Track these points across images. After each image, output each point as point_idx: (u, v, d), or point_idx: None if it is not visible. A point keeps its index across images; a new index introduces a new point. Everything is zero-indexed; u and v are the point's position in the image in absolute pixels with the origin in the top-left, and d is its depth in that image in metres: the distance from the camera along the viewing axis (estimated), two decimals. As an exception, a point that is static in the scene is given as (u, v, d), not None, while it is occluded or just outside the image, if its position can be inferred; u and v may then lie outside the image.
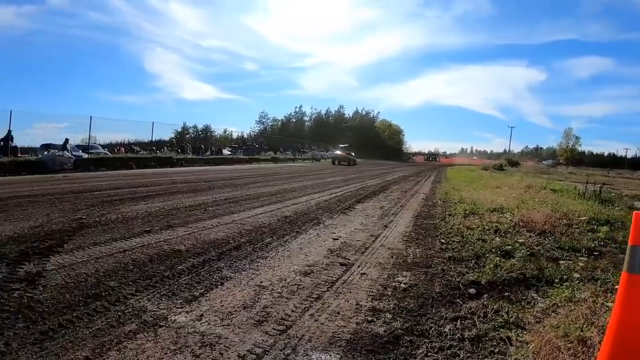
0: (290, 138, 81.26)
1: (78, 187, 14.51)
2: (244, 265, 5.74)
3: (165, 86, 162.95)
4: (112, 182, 16.65)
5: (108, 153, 36.30)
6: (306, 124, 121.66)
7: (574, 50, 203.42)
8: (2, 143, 28.23)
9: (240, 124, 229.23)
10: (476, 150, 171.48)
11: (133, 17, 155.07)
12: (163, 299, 4.41)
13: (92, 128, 32.62)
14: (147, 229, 7.61)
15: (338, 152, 58.38)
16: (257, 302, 4.47)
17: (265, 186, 16.72)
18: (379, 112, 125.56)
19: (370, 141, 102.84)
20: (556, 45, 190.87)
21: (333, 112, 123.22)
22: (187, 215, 9.09)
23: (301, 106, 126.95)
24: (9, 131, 28.34)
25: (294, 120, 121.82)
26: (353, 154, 58.04)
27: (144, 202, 11.02)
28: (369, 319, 4.09)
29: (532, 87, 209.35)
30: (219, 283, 4.98)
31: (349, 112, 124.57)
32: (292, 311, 4.22)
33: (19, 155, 27.85)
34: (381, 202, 12.93)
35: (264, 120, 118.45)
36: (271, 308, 4.31)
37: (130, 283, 4.84)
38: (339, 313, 4.20)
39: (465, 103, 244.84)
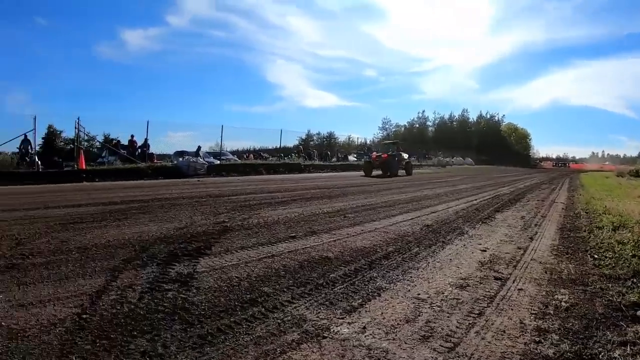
0: (414, 144, 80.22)
1: (214, 191, 14.84)
2: (397, 275, 5.38)
3: (288, 96, 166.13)
4: (246, 187, 16.93)
5: (237, 159, 37.25)
6: (429, 129, 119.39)
7: None
8: (139, 150, 29.66)
9: (362, 131, 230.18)
10: (608, 154, 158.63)
11: (254, 33, 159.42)
12: (322, 308, 4.14)
13: (221, 136, 33.44)
14: (292, 234, 7.44)
15: (376, 153, 36.05)
16: (419, 315, 4.09)
17: (399, 193, 16.26)
18: (504, 116, 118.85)
19: (496, 146, 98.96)
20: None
21: (456, 116, 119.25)
22: (328, 222, 8.86)
23: (424, 111, 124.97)
24: (145, 139, 29.71)
25: (416, 125, 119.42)
26: (405, 156, 35.27)
27: (281, 207, 10.97)
28: (536, 339, 3.68)
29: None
30: (376, 294, 4.64)
31: (472, 116, 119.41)
32: (457, 327, 3.85)
33: (156, 161, 29.19)
34: (520, 211, 12.15)
35: (386, 126, 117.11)
36: (434, 323, 3.92)
37: (285, 289, 4.62)
38: (504, 332, 3.80)
39: (594, 102, 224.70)
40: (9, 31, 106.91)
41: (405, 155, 36.56)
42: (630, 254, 6.68)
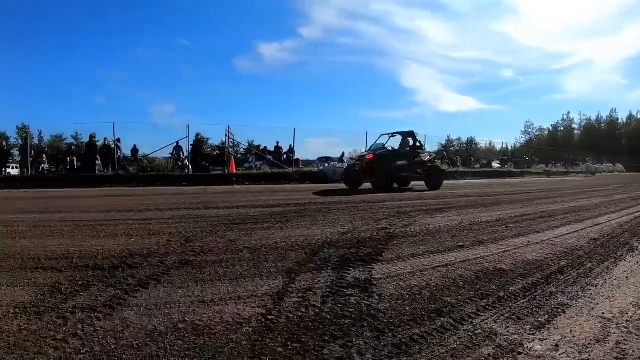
0: (561, 149, 76.88)
1: (367, 197, 14.97)
2: (577, 292, 5.13)
3: (424, 100, 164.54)
4: (394, 195, 17.01)
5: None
6: (575, 132, 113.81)
7: None
8: (284, 156, 30.67)
9: (502, 135, 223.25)
10: None
11: (384, 38, 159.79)
12: (510, 323, 4.02)
13: (366, 143, 33.77)
14: (459, 243, 7.33)
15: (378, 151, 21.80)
16: (608, 336, 3.85)
17: (554, 203, 15.63)
18: None
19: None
20: None
21: (604, 117, 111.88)
22: (492, 232, 8.66)
23: (569, 113, 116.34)
24: (291, 146, 30.75)
25: (561, 129, 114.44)
26: (426, 156, 22.90)
27: (439, 214, 10.90)
28: None
29: None
30: (560, 310, 4.44)
31: (621, 117, 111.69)
32: None
33: (301, 166, 30.05)
34: None
35: (529, 130, 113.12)
36: (625, 345, 3.66)
37: (468, 301, 4.54)
38: None
39: None
40: (154, 51, 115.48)
41: (427, 155, 22.90)
42: None
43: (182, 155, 27.91)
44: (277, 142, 31.80)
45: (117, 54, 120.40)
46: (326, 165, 29.44)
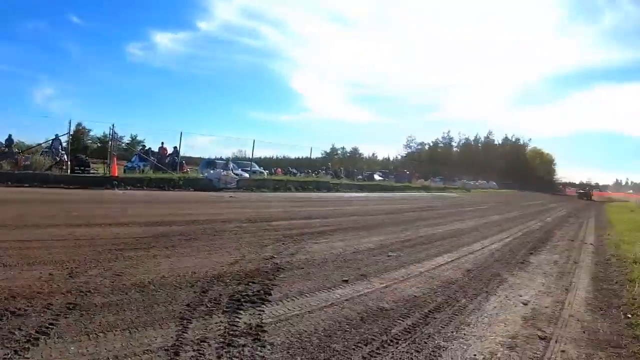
0: (440, 165, 79.93)
1: (252, 214, 15.03)
2: (452, 332, 5.43)
3: (313, 106, 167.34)
4: (282, 210, 17.13)
5: (264, 172, 37.45)
6: (454, 150, 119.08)
7: None
8: (168, 158, 29.89)
9: (386, 146, 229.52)
10: (632, 182, 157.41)
11: (282, 43, 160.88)
12: None
13: (252, 151, 33.62)
14: (344, 277, 7.48)
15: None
16: None
17: (432, 225, 16.33)
18: (530, 139, 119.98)
19: (520, 170, 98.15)
20: None
21: (482, 138, 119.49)
22: (374, 262, 8.91)
23: (449, 131, 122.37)
24: (175, 147, 30.01)
25: (441, 145, 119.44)
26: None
27: (324, 239, 11.06)
28: None
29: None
30: (437, 354, 4.71)
31: (497, 139, 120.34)
32: None
33: (186, 169, 29.42)
34: (552, 254, 12.06)
35: (411, 144, 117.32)
36: None
37: (354, 347, 4.67)
38: None
39: (619, 127, 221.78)
40: (42, 26, 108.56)
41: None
42: (663, 315, 6.68)
43: (60, 149, 26.48)
44: (162, 143, 30.45)
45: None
46: (211, 172, 28.97)
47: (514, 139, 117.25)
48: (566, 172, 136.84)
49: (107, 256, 7.73)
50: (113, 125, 26.48)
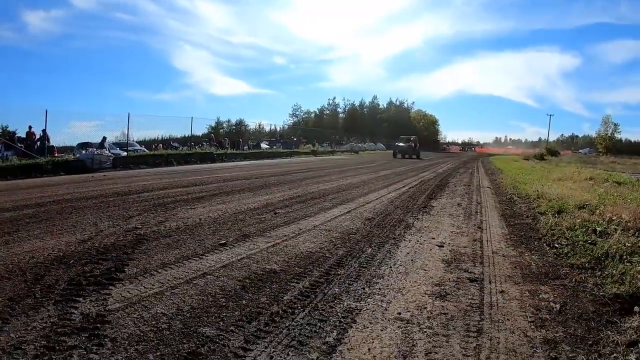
0: (327, 130, 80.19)
1: (122, 187, 13.35)
2: (363, 289, 4.52)
3: (195, 83, 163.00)
4: (158, 182, 15.49)
5: (145, 150, 35.53)
6: (340, 115, 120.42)
7: (608, 34, 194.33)
8: (38, 143, 27.53)
9: (272, 118, 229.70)
10: (510, 139, 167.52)
11: (161, 17, 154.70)
12: (290, 354, 3.11)
13: (128, 126, 31.49)
14: (222, 241, 6.30)
15: (401, 144, 50.93)
16: (414, 346, 3.30)
17: (324, 182, 15.54)
18: (413, 103, 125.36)
19: (406, 131, 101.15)
20: (590, 29, 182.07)
21: (367, 103, 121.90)
22: (259, 221, 7.85)
23: (334, 98, 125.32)
24: (44, 130, 27.55)
25: (327, 112, 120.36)
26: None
27: (200, 204, 9.79)
28: (552, 355, 3.28)
29: (566, 73, 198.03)
30: (349, 319, 3.73)
31: (383, 103, 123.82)
32: (464, 355, 3.19)
33: (56, 155, 27.10)
34: (453, 198, 11.99)
35: (297, 113, 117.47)
36: (436, 353, 3.20)
37: (233, 328, 3.50)
38: (515, 351, 3.31)
39: (498, 92, 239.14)
40: None
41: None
42: (583, 239, 6.67)
43: None
44: (30, 127, 28.16)
45: None
46: (83, 152, 26.82)
47: (398, 102, 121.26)
48: (449, 133, 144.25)
49: None
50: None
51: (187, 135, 41.52)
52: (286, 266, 5.17)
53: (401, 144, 51.02)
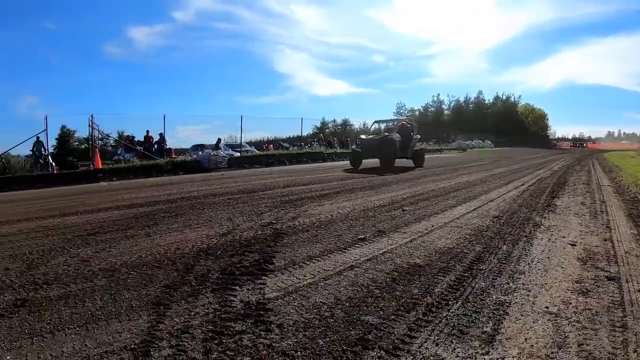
0: (431, 128, 79.05)
1: (245, 186, 13.86)
2: (508, 283, 4.44)
3: (298, 85, 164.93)
4: (277, 180, 15.94)
5: (255, 150, 36.42)
6: (445, 112, 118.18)
7: None
8: (155, 146, 28.81)
9: (375, 116, 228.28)
10: (624, 133, 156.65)
11: (259, 23, 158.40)
12: (454, 342, 3.14)
13: (241, 128, 32.36)
14: (360, 236, 6.35)
15: (370, 137, 25.07)
16: (566, 337, 3.27)
17: (440, 180, 15.36)
18: (520, 96, 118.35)
19: (513, 127, 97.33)
20: None
21: (472, 98, 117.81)
22: (390, 218, 7.83)
23: (438, 94, 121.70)
24: (161, 134, 28.86)
25: (432, 109, 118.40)
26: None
27: (327, 201, 9.94)
28: None
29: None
30: (502, 312, 3.69)
31: (489, 98, 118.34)
32: (613, 348, 3.13)
33: (174, 156, 28.29)
34: (576, 197, 11.36)
35: (401, 111, 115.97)
36: (587, 345, 3.15)
37: (394, 317, 3.53)
38: None
39: (607, 80, 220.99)
40: (17, 35, 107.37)
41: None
42: None
43: (43, 152, 25.39)
44: (147, 132, 29.67)
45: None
46: (200, 153, 27.87)
47: (504, 97, 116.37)
48: (558, 128, 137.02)
49: (77, 242, 6.51)
50: (92, 116, 25.28)
51: (292, 136, 42.27)
52: (429, 261, 5.15)
53: (370, 138, 24.75)
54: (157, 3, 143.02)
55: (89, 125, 25.58)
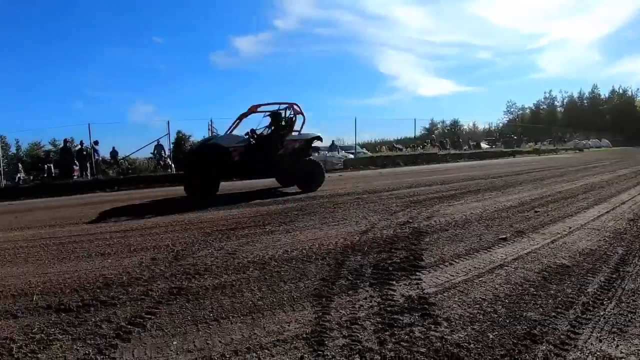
0: (546, 127, 75.99)
1: (366, 186, 14.22)
2: None
3: (403, 85, 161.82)
4: (398, 181, 16.25)
5: (367, 152, 36.67)
6: (557, 109, 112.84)
7: None
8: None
9: (482, 115, 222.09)
10: None
11: (360, 26, 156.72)
12: (617, 340, 3.22)
13: (355, 130, 32.72)
14: (501, 236, 6.46)
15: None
16: None
17: (564, 182, 14.96)
18: (638, 89, 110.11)
19: (631, 124, 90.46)
20: None
21: (586, 94, 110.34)
22: (524, 218, 7.85)
23: (550, 91, 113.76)
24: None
25: (544, 107, 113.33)
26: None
27: (456, 201, 10.06)
28: None
29: None
30: None
31: (604, 93, 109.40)
32: None
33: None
34: None
35: (511, 109, 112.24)
36: None
37: (554, 314, 3.65)
38: None
39: None
40: (129, 51, 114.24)
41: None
42: None
43: (163, 155, 26.85)
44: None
45: (92, 56, 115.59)
46: (316, 154, 28.61)
47: (620, 90, 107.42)
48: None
49: (217, 236, 7.08)
50: (211, 120, 26.48)
51: (399, 138, 42.12)
52: (575, 262, 5.18)
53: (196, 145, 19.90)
54: (259, 13, 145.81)
55: (209, 129, 26.80)
